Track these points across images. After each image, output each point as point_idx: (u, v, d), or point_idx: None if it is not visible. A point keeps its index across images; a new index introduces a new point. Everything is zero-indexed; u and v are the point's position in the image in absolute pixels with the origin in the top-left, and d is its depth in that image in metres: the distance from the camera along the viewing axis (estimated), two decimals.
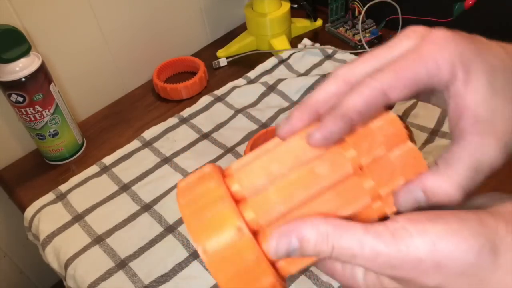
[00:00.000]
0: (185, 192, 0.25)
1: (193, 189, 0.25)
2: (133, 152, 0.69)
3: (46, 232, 0.60)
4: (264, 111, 0.72)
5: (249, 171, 0.25)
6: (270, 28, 0.83)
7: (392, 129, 0.24)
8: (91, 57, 0.76)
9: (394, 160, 0.24)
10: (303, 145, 0.24)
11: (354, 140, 0.24)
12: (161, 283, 0.53)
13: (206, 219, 0.23)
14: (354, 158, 0.24)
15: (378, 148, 0.24)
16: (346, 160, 0.24)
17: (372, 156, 0.24)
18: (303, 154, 0.24)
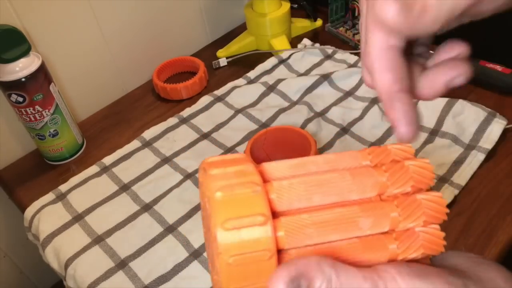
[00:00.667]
0: (216, 165, 0.24)
1: (225, 166, 0.24)
2: (133, 152, 0.69)
3: (46, 232, 0.60)
4: (264, 111, 0.72)
5: (289, 187, 0.24)
6: (270, 28, 0.83)
7: (424, 172, 0.25)
8: (91, 57, 0.76)
9: (420, 200, 0.24)
10: (350, 180, 0.25)
11: (388, 169, 0.25)
12: (161, 283, 0.53)
13: (236, 196, 0.22)
14: (384, 182, 0.25)
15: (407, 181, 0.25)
16: (388, 220, 0.24)
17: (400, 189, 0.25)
18: (348, 192, 0.24)
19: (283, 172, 0.25)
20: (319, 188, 0.24)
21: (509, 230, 0.53)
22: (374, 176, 0.25)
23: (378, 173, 0.25)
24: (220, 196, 0.22)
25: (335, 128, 0.68)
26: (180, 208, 0.60)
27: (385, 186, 0.25)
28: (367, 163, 0.26)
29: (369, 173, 0.25)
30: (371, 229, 0.24)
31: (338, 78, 0.75)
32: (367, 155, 0.26)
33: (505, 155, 0.61)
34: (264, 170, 0.25)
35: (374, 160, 0.26)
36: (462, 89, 0.70)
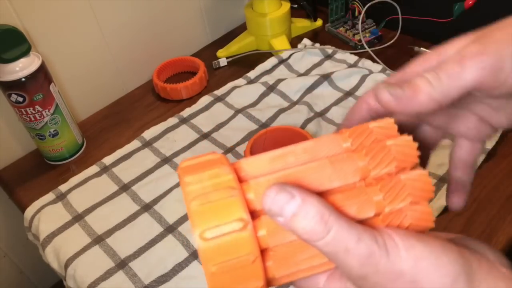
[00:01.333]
0: (191, 170, 0.23)
1: (200, 170, 0.23)
2: (133, 152, 0.69)
3: (46, 232, 0.60)
4: (264, 111, 0.72)
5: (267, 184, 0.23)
6: (270, 28, 0.83)
7: (406, 150, 0.24)
8: (91, 57, 0.76)
9: (404, 181, 0.24)
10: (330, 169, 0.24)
11: (368, 152, 0.24)
12: (161, 283, 0.53)
13: (211, 204, 0.22)
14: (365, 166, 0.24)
15: (390, 163, 0.24)
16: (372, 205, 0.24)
17: (382, 169, 0.24)
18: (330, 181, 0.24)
19: (260, 168, 0.24)
20: (299, 181, 0.23)
21: (509, 230, 0.53)
22: (354, 161, 0.24)
23: (358, 158, 0.24)
24: (195, 205, 0.22)
25: (335, 128, 0.68)
26: (180, 208, 0.60)
27: (367, 171, 0.24)
28: (348, 145, 0.25)
29: (349, 159, 0.24)
30: (356, 216, 0.23)
31: (338, 78, 0.75)
32: (347, 138, 0.25)
33: (505, 155, 0.61)
34: (240, 167, 0.24)
35: (355, 142, 0.25)
36: None
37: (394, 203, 0.23)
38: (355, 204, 0.23)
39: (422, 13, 0.75)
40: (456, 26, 0.74)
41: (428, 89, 0.25)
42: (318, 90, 0.75)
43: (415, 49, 0.77)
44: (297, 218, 0.21)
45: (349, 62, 0.79)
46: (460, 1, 0.70)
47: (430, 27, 0.75)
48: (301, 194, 0.22)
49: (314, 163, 0.24)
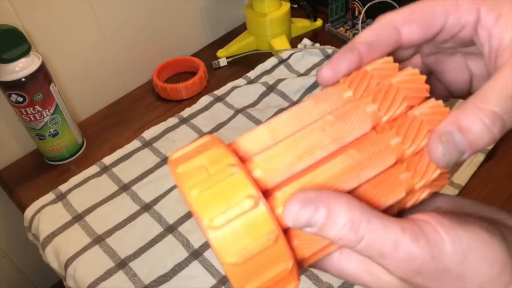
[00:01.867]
0: (182, 160, 0.21)
1: (192, 157, 0.21)
2: (133, 152, 0.69)
3: (46, 232, 0.60)
4: (264, 111, 0.72)
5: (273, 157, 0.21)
6: (270, 28, 0.83)
7: (415, 85, 0.21)
8: (91, 57, 0.76)
9: (419, 116, 0.21)
10: (337, 124, 0.21)
11: (374, 95, 0.21)
12: (161, 283, 0.53)
13: (213, 188, 0.19)
14: (374, 112, 0.21)
15: (401, 103, 0.21)
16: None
17: (395, 112, 0.21)
18: (340, 138, 0.21)
19: (261, 142, 0.22)
20: (307, 145, 0.21)
21: None
22: (362, 109, 0.21)
23: (365, 104, 0.21)
24: (195, 194, 0.19)
25: None
26: (180, 208, 0.60)
27: (378, 117, 0.21)
28: (349, 95, 0.22)
29: (356, 108, 0.21)
30: (376, 168, 0.21)
31: None
32: (347, 88, 0.22)
33: (505, 155, 0.61)
34: (238, 147, 0.22)
35: (358, 91, 0.22)
36: None
37: (416, 143, 0.21)
38: (371, 153, 0.21)
39: None
40: None
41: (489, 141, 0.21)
42: (318, 90, 0.75)
43: None
44: (326, 228, 0.20)
45: None
46: None
47: None
48: (326, 204, 0.19)
49: (318, 123, 0.21)
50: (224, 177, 0.19)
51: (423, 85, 0.22)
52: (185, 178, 0.20)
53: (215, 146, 0.21)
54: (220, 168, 0.20)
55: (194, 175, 0.20)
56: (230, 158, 0.20)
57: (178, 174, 0.20)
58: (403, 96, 0.21)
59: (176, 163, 0.21)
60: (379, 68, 0.22)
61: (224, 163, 0.20)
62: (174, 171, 0.20)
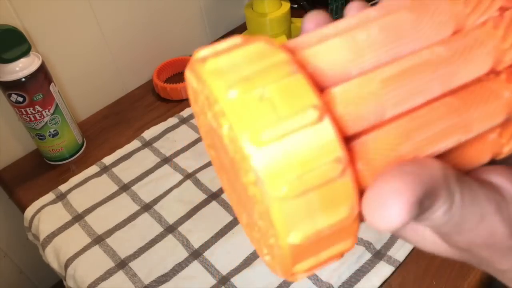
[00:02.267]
0: (216, 56, 0.15)
1: (227, 51, 0.15)
2: (133, 152, 0.69)
3: (46, 232, 0.60)
4: None
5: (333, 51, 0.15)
6: (270, 28, 0.83)
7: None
8: (91, 57, 0.76)
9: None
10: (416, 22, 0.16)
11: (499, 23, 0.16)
12: (161, 283, 0.53)
13: (258, 90, 0.14)
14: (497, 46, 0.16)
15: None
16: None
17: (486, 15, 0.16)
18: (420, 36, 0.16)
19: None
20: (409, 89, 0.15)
21: None
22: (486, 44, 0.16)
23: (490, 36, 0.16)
24: (236, 96, 0.14)
25: None
26: (180, 208, 0.60)
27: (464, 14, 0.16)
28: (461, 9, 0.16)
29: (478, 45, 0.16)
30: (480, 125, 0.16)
31: None
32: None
33: None
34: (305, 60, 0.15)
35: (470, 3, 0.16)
36: None
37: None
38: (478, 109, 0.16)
39: None
40: None
41: None
42: None
43: None
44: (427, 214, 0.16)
45: None
46: None
47: None
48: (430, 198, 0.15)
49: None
50: (277, 75, 0.14)
51: None
52: (221, 74, 0.14)
53: (263, 41, 0.15)
54: (271, 65, 0.14)
55: (232, 72, 0.14)
56: (283, 55, 0.14)
57: (210, 71, 0.14)
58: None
59: (204, 60, 0.15)
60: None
61: (276, 58, 0.14)
62: (203, 66, 0.14)
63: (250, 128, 0.13)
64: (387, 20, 0.16)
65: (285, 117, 0.13)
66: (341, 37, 0.15)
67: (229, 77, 0.14)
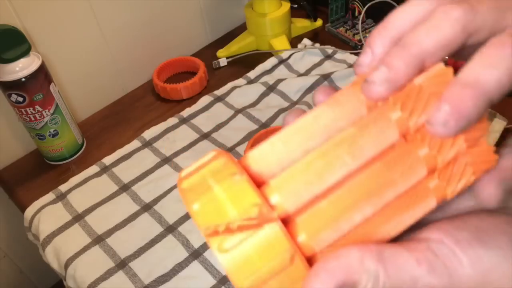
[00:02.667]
0: (186, 176, 0.19)
1: (195, 172, 0.19)
2: (133, 152, 0.69)
3: (46, 232, 0.60)
4: (264, 111, 0.72)
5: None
6: (270, 28, 0.83)
7: (441, 80, 0.19)
8: (91, 57, 0.76)
9: None
10: (333, 113, 0.19)
11: (398, 98, 0.19)
12: (161, 283, 0.53)
13: (213, 202, 0.18)
14: (401, 119, 0.19)
15: (428, 106, 0.18)
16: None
17: (423, 118, 0.18)
18: (336, 122, 0.19)
19: (274, 158, 0.19)
20: (328, 164, 0.19)
21: None
22: (385, 116, 0.19)
23: (388, 109, 0.19)
24: (198, 208, 0.18)
25: None
26: (180, 208, 0.60)
27: (404, 120, 0.19)
28: (398, 115, 0.19)
29: (380, 116, 0.19)
30: (405, 182, 0.19)
31: (338, 78, 0.75)
32: (393, 105, 0.19)
33: None
34: (249, 164, 0.19)
35: (406, 109, 0.19)
36: None
37: (445, 152, 0.18)
38: (399, 169, 0.18)
39: None
40: None
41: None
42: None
43: None
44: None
45: (349, 62, 0.79)
46: None
47: None
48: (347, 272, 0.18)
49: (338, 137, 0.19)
50: (226, 187, 0.18)
51: (451, 77, 0.19)
52: (187, 193, 0.19)
53: (219, 158, 0.19)
54: (221, 178, 0.18)
55: (196, 188, 0.18)
56: (232, 167, 0.18)
57: (182, 190, 0.19)
58: (427, 95, 0.18)
59: (181, 180, 0.19)
60: (430, 77, 0.19)
61: (225, 172, 0.18)
62: (180, 187, 0.19)
63: (208, 233, 0.17)
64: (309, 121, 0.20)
65: (235, 220, 0.17)
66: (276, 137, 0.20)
67: (194, 193, 0.18)
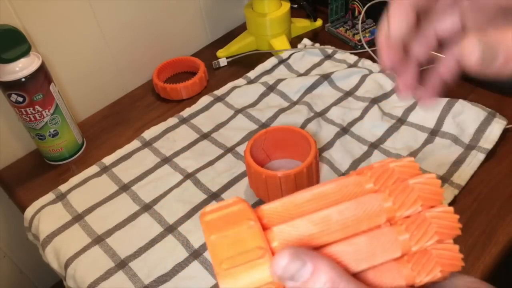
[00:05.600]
0: (215, 227, 0.23)
1: (225, 226, 0.23)
2: (133, 152, 0.69)
3: (46, 232, 0.60)
4: (264, 111, 0.72)
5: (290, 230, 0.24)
6: (270, 28, 0.83)
7: (430, 188, 0.24)
8: (91, 57, 0.76)
9: (430, 219, 0.24)
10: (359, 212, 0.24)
11: (392, 192, 0.24)
12: (161, 283, 0.53)
13: (240, 265, 0.22)
14: (390, 209, 0.24)
15: (415, 204, 0.24)
16: (398, 244, 0.23)
17: (409, 211, 0.24)
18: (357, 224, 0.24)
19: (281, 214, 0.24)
20: (324, 226, 0.23)
21: (509, 230, 0.53)
22: (379, 202, 0.24)
23: (383, 199, 0.24)
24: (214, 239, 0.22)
25: (335, 128, 0.68)
26: (180, 208, 0.60)
27: (393, 211, 0.24)
28: (371, 186, 0.25)
29: (373, 200, 0.24)
30: (382, 257, 0.23)
31: (338, 78, 0.75)
32: (369, 178, 0.25)
33: (505, 155, 0.61)
34: (262, 215, 0.24)
35: (378, 182, 0.25)
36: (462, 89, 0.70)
37: (421, 241, 0.23)
38: (380, 246, 0.23)
39: None
40: None
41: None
42: (318, 90, 0.75)
43: None
44: (309, 284, 0.21)
45: (349, 62, 0.79)
46: None
47: None
48: (313, 261, 0.21)
49: (336, 207, 0.24)
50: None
51: (438, 189, 0.24)
52: (208, 225, 0.23)
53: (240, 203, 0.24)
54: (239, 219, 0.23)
55: (215, 224, 0.23)
56: (249, 213, 0.23)
57: (203, 222, 0.24)
58: (416, 195, 0.24)
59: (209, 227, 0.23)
60: (401, 165, 0.25)
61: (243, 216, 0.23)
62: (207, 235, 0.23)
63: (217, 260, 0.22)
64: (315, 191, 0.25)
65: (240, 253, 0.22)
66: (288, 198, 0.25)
67: (213, 227, 0.23)
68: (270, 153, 0.63)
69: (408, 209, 0.24)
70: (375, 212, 0.24)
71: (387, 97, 0.72)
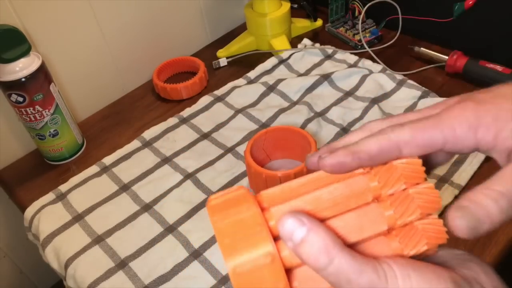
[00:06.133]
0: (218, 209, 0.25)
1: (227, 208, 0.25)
2: (133, 152, 0.69)
3: (46, 232, 0.60)
4: (264, 111, 0.72)
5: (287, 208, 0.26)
6: (270, 28, 0.83)
7: (413, 167, 0.26)
8: (91, 57, 0.76)
9: (413, 194, 0.25)
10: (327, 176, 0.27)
11: (377, 172, 0.26)
12: (161, 283, 0.53)
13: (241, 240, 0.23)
14: (376, 188, 0.26)
15: (398, 182, 0.26)
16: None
17: (393, 189, 0.26)
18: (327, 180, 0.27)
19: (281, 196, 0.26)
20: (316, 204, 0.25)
21: (509, 231, 0.53)
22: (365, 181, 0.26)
23: (369, 178, 0.26)
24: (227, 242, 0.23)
25: (335, 128, 0.68)
26: (180, 208, 0.60)
27: (378, 189, 0.26)
28: (375, 184, 0.26)
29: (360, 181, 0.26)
30: (370, 230, 0.25)
31: (338, 78, 0.75)
32: (373, 176, 0.26)
33: None
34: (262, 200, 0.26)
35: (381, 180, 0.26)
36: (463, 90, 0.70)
37: (405, 216, 0.25)
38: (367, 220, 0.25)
39: (422, 13, 0.75)
40: (456, 26, 0.74)
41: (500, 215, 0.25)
42: (318, 90, 0.75)
43: (415, 49, 0.77)
44: (303, 244, 0.23)
45: (349, 62, 0.79)
46: (460, 1, 0.70)
47: (430, 27, 0.75)
48: (310, 223, 0.23)
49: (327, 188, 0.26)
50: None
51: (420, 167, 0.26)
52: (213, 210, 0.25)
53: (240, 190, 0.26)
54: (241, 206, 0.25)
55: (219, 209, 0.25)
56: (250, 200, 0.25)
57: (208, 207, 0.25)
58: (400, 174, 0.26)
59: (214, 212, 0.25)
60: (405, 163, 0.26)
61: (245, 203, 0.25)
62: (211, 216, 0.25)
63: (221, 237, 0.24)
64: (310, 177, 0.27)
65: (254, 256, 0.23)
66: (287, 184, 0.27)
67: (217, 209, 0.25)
68: (270, 153, 0.63)
69: (392, 187, 0.26)
70: (362, 190, 0.26)
71: (387, 97, 0.72)
